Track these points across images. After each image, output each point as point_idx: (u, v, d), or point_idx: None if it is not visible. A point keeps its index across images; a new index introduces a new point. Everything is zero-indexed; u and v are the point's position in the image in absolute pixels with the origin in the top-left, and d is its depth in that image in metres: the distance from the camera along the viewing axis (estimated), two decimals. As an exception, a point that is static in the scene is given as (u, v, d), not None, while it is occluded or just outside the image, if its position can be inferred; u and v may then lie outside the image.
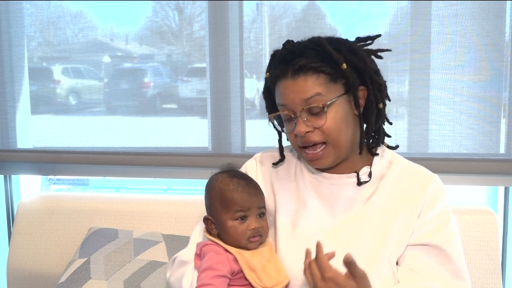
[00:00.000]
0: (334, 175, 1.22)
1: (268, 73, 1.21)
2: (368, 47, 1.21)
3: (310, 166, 1.23)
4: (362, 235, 1.16)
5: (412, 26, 1.73)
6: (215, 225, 1.18)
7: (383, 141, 1.27)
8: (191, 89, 1.98)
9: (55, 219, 1.83)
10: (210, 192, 1.19)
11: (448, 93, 1.74)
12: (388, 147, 1.28)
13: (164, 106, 2.02)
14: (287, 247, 1.18)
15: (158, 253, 1.61)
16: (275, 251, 1.20)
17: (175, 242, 1.64)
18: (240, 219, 1.14)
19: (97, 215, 1.80)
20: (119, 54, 2.02)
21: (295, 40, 1.21)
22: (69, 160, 1.96)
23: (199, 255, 1.17)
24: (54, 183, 2.20)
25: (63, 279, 1.60)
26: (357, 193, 1.20)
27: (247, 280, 1.11)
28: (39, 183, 2.17)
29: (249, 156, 1.38)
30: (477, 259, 1.55)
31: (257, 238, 1.15)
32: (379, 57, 1.21)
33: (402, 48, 1.74)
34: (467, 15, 1.69)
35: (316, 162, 1.17)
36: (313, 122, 1.12)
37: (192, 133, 1.95)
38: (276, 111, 1.20)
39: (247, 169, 1.31)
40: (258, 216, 1.16)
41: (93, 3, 1.97)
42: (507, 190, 1.75)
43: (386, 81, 1.21)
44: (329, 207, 1.20)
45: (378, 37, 1.21)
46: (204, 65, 1.91)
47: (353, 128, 1.16)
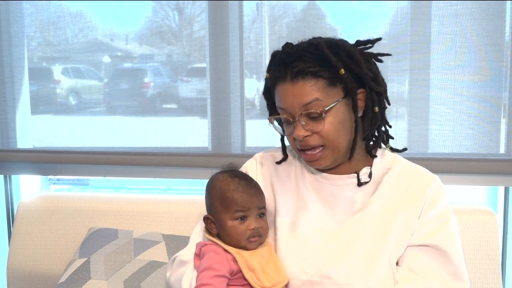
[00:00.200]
0: (334, 175, 1.22)
1: (268, 74, 1.20)
2: (369, 50, 1.20)
3: (309, 166, 1.23)
4: (362, 235, 1.16)
5: (412, 26, 1.73)
6: (215, 224, 1.18)
7: (385, 143, 1.26)
8: (191, 89, 1.99)
9: (55, 219, 1.83)
10: (211, 191, 1.19)
11: (448, 93, 1.74)
12: (392, 150, 1.27)
13: (164, 106, 2.02)
14: (287, 247, 1.18)
15: (158, 253, 1.61)
16: (275, 251, 1.19)
17: (175, 242, 1.64)
18: (240, 219, 1.14)
19: (97, 215, 1.80)
20: (119, 54, 2.02)
21: (295, 41, 1.20)
22: (69, 160, 1.96)
23: (198, 255, 1.17)
24: (54, 183, 2.20)
25: (63, 279, 1.60)
26: (357, 194, 1.20)
27: (246, 280, 1.11)
28: (39, 183, 2.17)
29: (249, 156, 1.38)
30: (477, 259, 1.55)
31: (256, 239, 1.15)
32: (379, 60, 1.20)
33: (402, 48, 1.74)
34: (467, 15, 1.69)
35: (314, 163, 1.17)
36: (311, 126, 1.12)
37: (192, 133, 1.95)
38: (276, 111, 1.20)
39: (247, 169, 1.31)
40: (258, 216, 1.16)
41: (93, 3, 1.97)
42: (507, 190, 1.75)
43: (387, 82, 1.21)
44: (329, 208, 1.20)
45: (378, 40, 1.20)
46: (204, 65, 1.91)
47: (351, 131, 1.16)
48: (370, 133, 1.20)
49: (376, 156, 1.23)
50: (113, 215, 1.79)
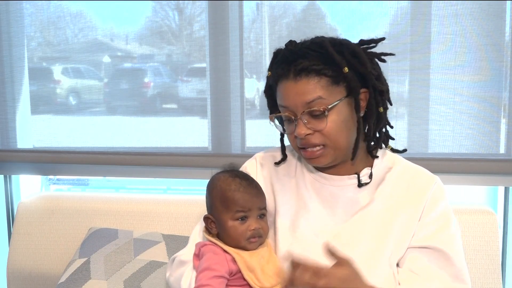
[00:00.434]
0: (335, 176, 1.22)
1: (269, 72, 1.20)
2: (372, 50, 1.20)
3: (309, 164, 1.22)
4: (362, 236, 1.16)
5: (412, 26, 1.73)
6: (215, 224, 1.18)
7: (386, 144, 1.26)
8: (191, 89, 1.98)
9: (55, 219, 1.83)
10: (212, 191, 1.19)
11: (448, 93, 1.74)
12: (393, 151, 1.27)
13: (164, 106, 2.02)
14: (287, 248, 1.18)
15: (158, 253, 1.61)
16: (275, 252, 1.19)
17: (175, 242, 1.64)
18: (240, 219, 1.14)
19: (97, 215, 1.80)
20: (119, 54, 2.02)
21: (296, 40, 1.20)
22: (69, 160, 1.96)
23: (197, 255, 1.17)
24: (54, 183, 2.20)
25: (63, 279, 1.60)
26: (357, 195, 1.19)
27: (245, 280, 1.11)
28: (39, 183, 2.17)
29: (249, 156, 1.37)
30: (477, 259, 1.55)
31: (256, 239, 1.15)
32: (383, 60, 1.20)
33: (402, 48, 1.74)
34: (467, 15, 1.69)
35: (314, 160, 1.16)
36: (313, 124, 1.12)
37: (192, 133, 1.95)
38: (277, 110, 1.19)
39: (247, 169, 1.31)
40: (259, 217, 1.16)
41: (93, 3, 1.97)
42: (507, 190, 1.75)
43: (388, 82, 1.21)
44: (329, 208, 1.20)
45: (382, 40, 1.20)
46: (204, 65, 1.91)
47: (353, 130, 1.16)
48: (373, 133, 1.20)
49: (377, 157, 1.23)
50: (113, 215, 1.79)
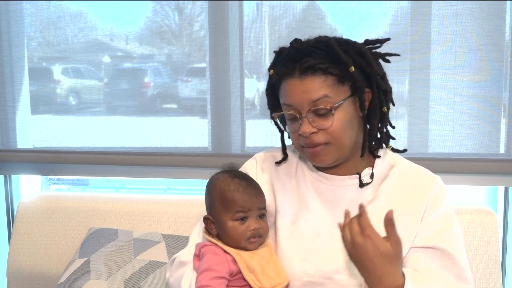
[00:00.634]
0: (336, 176, 1.21)
1: (272, 71, 1.19)
2: (377, 50, 1.21)
3: (311, 163, 1.22)
4: None
5: (412, 26, 1.73)
6: (215, 225, 1.18)
7: (387, 143, 1.27)
8: (191, 89, 1.98)
9: (55, 219, 1.83)
10: (211, 191, 1.19)
11: (448, 93, 1.74)
12: (394, 150, 1.28)
13: (164, 106, 2.02)
14: (288, 248, 1.18)
15: (158, 253, 1.61)
16: (276, 252, 1.19)
17: (175, 242, 1.64)
18: (240, 220, 1.14)
19: (97, 215, 1.80)
20: (119, 54, 2.02)
21: (301, 39, 1.20)
22: (69, 160, 1.96)
23: (198, 255, 1.17)
24: (54, 183, 2.20)
25: (63, 279, 1.60)
26: (359, 195, 1.19)
27: (245, 281, 1.11)
28: (39, 183, 2.17)
29: (249, 156, 1.37)
30: (477, 259, 1.55)
31: (256, 239, 1.15)
32: (387, 61, 1.21)
33: (402, 48, 1.74)
34: (467, 15, 1.69)
35: (317, 159, 1.16)
36: (318, 123, 1.11)
37: (192, 133, 1.95)
38: (278, 109, 1.19)
39: (247, 169, 1.31)
40: (258, 217, 1.16)
41: (93, 3, 1.97)
42: (507, 190, 1.75)
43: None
44: (330, 208, 1.20)
45: (387, 40, 1.21)
46: (204, 65, 1.91)
47: (357, 130, 1.16)
48: (377, 133, 1.20)
49: (379, 156, 1.23)
50: (113, 215, 1.79)
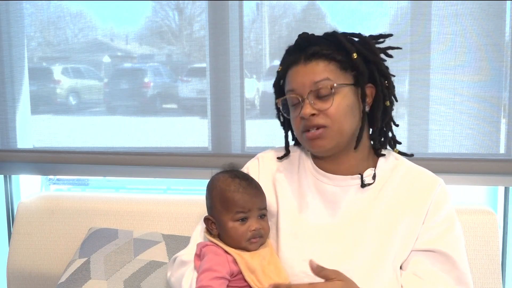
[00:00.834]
0: (338, 176, 1.21)
1: (281, 67, 1.23)
2: (379, 46, 1.23)
3: (310, 150, 1.21)
4: (365, 237, 1.15)
5: (412, 26, 1.73)
6: (215, 225, 1.18)
7: (393, 147, 1.27)
8: (191, 89, 1.98)
9: (55, 219, 1.83)
10: (211, 192, 1.19)
11: (448, 93, 1.74)
12: (400, 154, 1.28)
13: (164, 106, 2.02)
14: (289, 248, 1.18)
15: (158, 253, 1.61)
16: (277, 252, 1.19)
17: (175, 242, 1.64)
18: (240, 220, 1.14)
19: (97, 215, 1.80)
20: (119, 54, 2.02)
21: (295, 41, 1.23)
22: (69, 160, 1.96)
23: (198, 255, 1.17)
24: (54, 183, 2.20)
25: (63, 279, 1.60)
26: (360, 195, 1.19)
27: (246, 281, 1.11)
28: (39, 183, 2.17)
29: (249, 156, 1.38)
30: (477, 259, 1.55)
31: (257, 240, 1.14)
32: (389, 55, 1.23)
33: (402, 48, 1.74)
34: (467, 15, 1.69)
35: (315, 143, 1.16)
36: (319, 105, 1.14)
37: (192, 133, 1.95)
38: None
39: (249, 169, 1.31)
40: (259, 217, 1.16)
41: (93, 3, 1.97)
42: (507, 190, 1.75)
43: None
44: (331, 209, 1.20)
45: (390, 36, 1.24)
46: (204, 65, 1.91)
47: (357, 121, 1.17)
48: (379, 127, 1.21)
49: (383, 155, 1.23)
50: (113, 215, 1.79)
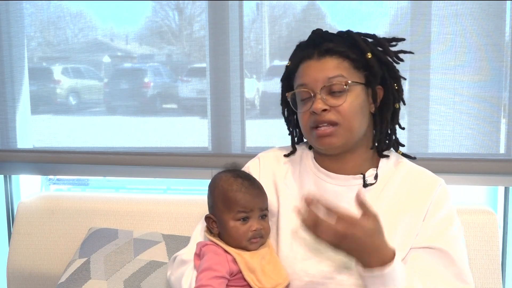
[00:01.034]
0: (340, 175, 1.21)
1: (290, 61, 1.24)
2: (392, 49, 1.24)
3: (318, 146, 1.21)
4: None
5: (412, 26, 1.73)
6: (216, 224, 1.18)
7: (396, 149, 1.28)
8: (191, 89, 1.98)
9: (55, 219, 1.83)
10: (214, 191, 1.19)
11: (448, 93, 1.74)
12: (404, 155, 1.29)
13: (164, 106, 2.02)
14: (290, 247, 1.18)
15: (158, 253, 1.61)
16: (277, 251, 1.19)
17: (175, 242, 1.64)
18: (242, 219, 1.14)
19: (97, 215, 1.80)
20: (119, 54, 2.02)
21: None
22: (69, 160, 1.96)
23: (198, 254, 1.17)
24: (54, 183, 2.20)
25: (63, 279, 1.60)
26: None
27: (246, 281, 1.11)
28: (39, 183, 2.17)
29: (249, 156, 1.38)
30: (477, 259, 1.55)
31: (258, 240, 1.15)
32: (400, 59, 1.23)
33: (402, 48, 1.73)
34: (467, 15, 1.69)
35: (325, 140, 1.16)
36: (331, 102, 1.14)
37: (192, 133, 1.95)
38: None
39: (250, 168, 1.31)
40: (260, 217, 1.16)
41: (93, 3, 1.97)
42: (507, 190, 1.75)
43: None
44: (333, 208, 1.20)
45: (403, 40, 1.25)
46: (204, 65, 1.91)
47: (366, 121, 1.18)
48: (387, 129, 1.22)
49: (386, 156, 1.24)
50: (113, 215, 1.79)
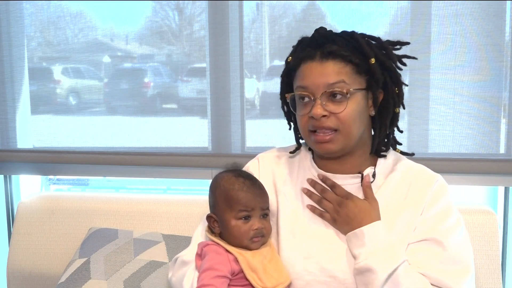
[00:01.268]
0: (338, 175, 1.22)
1: (290, 57, 1.21)
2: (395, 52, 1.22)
3: (317, 150, 1.21)
4: None
5: (412, 26, 1.73)
6: (218, 223, 1.18)
7: (394, 147, 1.28)
8: (191, 89, 1.98)
9: (55, 219, 1.83)
10: (215, 190, 1.19)
11: (448, 93, 1.74)
12: (402, 153, 1.29)
13: (164, 106, 2.02)
14: (290, 247, 1.18)
15: (158, 253, 1.61)
16: (278, 251, 1.19)
17: (175, 242, 1.64)
18: (243, 219, 1.14)
19: (97, 215, 1.80)
20: (119, 54, 2.02)
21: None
22: (69, 160, 1.96)
23: (200, 255, 1.17)
24: (54, 183, 2.20)
25: (63, 279, 1.60)
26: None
27: (247, 280, 1.11)
28: (39, 183, 2.17)
29: (249, 156, 1.38)
30: (477, 259, 1.55)
31: (259, 239, 1.15)
32: (403, 63, 1.22)
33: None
34: (467, 15, 1.69)
35: (323, 145, 1.16)
36: (331, 108, 1.13)
37: (192, 133, 1.95)
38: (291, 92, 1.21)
39: (249, 169, 1.31)
40: (262, 216, 1.16)
41: (93, 3, 1.97)
42: (507, 190, 1.75)
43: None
44: (332, 207, 1.20)
45: (407, 44, 1.23)
46: (204, 65, 1.91)
47: (365, 125, 1.18)
48: (386, 133, 1.22)
49: (384, 156, 1.24)
50: (113, 215, 1.79)
